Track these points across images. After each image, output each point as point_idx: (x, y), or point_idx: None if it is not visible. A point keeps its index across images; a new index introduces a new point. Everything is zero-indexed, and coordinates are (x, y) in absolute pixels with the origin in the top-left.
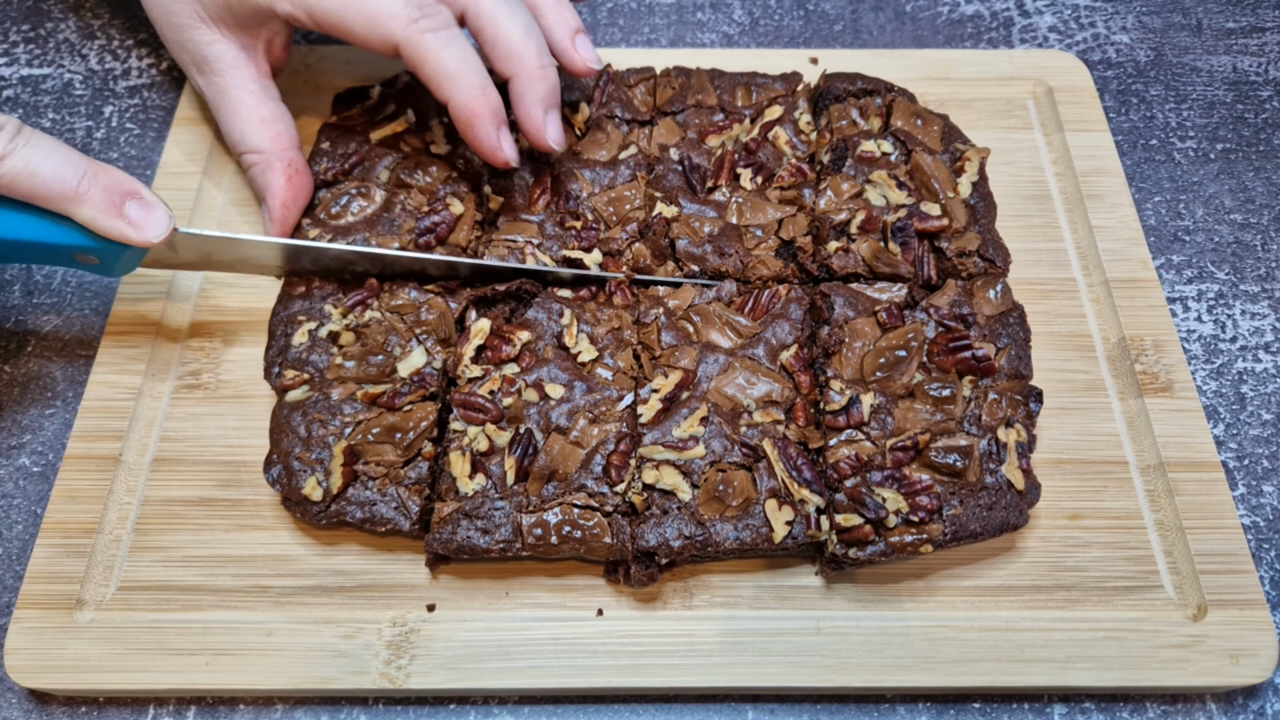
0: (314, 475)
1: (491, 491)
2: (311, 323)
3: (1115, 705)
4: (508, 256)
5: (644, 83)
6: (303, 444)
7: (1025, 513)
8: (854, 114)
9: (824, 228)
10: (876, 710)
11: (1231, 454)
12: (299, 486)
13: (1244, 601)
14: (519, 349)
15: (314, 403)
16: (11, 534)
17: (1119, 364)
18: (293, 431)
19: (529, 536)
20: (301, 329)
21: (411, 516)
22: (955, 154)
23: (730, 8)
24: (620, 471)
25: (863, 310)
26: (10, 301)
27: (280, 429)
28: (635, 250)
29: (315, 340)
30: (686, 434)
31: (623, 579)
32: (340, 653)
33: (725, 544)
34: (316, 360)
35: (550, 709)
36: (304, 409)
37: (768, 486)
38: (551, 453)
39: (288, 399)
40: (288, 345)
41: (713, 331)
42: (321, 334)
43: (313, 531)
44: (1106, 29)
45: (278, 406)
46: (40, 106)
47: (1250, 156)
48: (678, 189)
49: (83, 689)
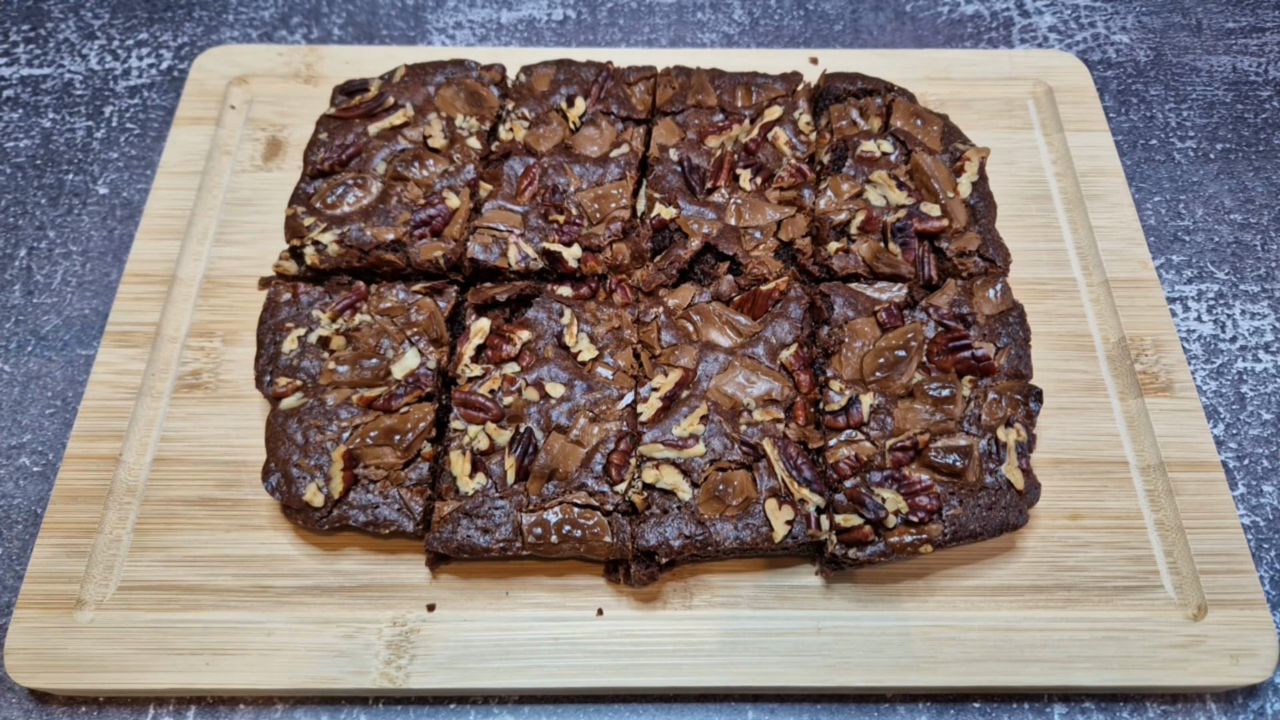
0: (314, 481)
1: (492, 490)
2: (300, 329)
3: (1115, 705)
4: (491, 245)
5: (644, 81)
6: (300, 450)
7: (1025, 513)
8: (854, 114)
9: (824, 228)
10: (876, 710)
11: (1231, 454)
12: (299, 493)
13: (1244, 601)
14: (519, 348)
15: (309, 409)
16: (12, 534)
17: (1119, 364)
18: (289, 439)
19: (529, 535)
20: (290, 336)
21: (415, 517)
22: (955, 154)
23: (730, 8)
24: (620, 470)
25: (862, 310)
26: (10, 301)
27: (276, 436)
28: (615, 249)
29: (305, 346)
30: (686, 432)
31: (623, 578)
32: (340, 653)
33: (725, 543)
34: (308, 366)
35: (550, 709)
36: (299, 415)
37: (768, 486)
38: (552, 452)
39: (282, 406)
40: (278, 353)
41: (712, 330)
42: (311, 339)
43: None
44: (1106, 29)
45: (272, 415)
46: (40, 106)
47: (1250, 156)
48: (677, 190)
49: (83, 689)
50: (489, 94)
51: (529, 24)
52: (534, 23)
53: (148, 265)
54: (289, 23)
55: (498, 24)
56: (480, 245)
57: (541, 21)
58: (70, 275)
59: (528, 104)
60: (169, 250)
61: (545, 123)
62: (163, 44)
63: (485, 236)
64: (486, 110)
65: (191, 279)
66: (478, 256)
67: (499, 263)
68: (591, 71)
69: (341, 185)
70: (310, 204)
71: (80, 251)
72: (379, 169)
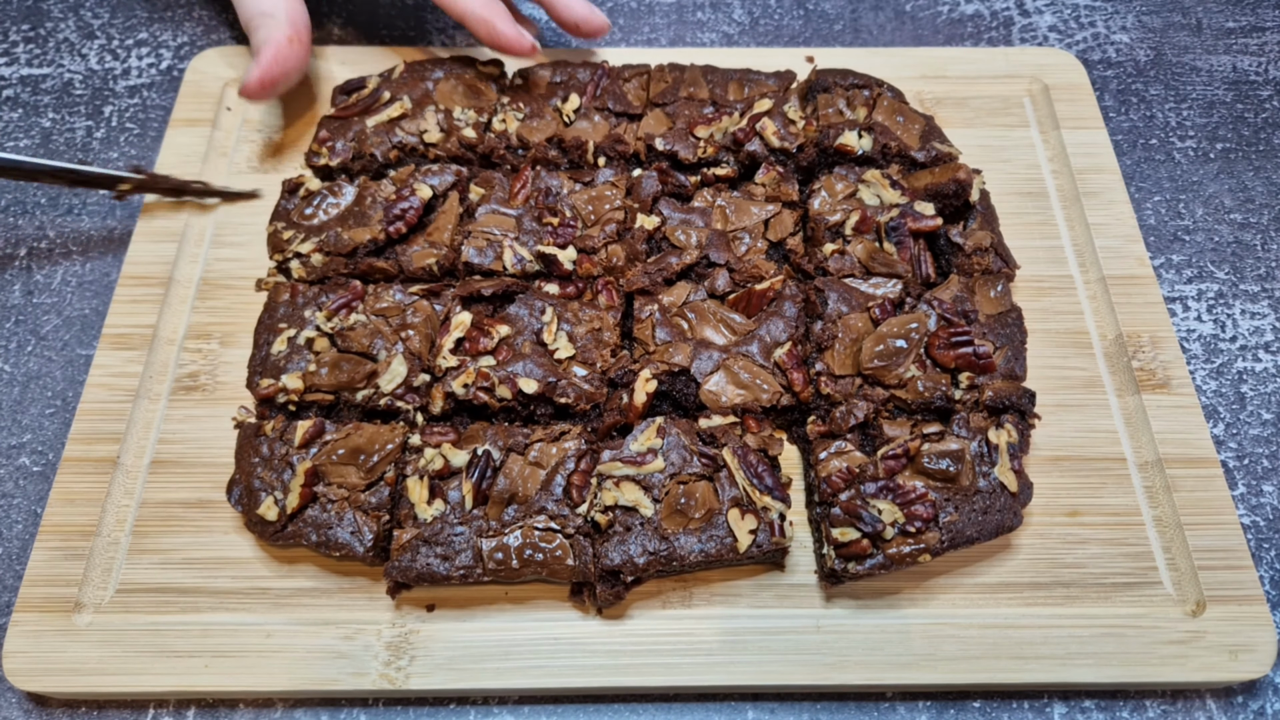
0: (271, 495)
1: (450, 517)
2: (291, 330)
3: (1115, 704)
4: (486, 248)
5: (638, 78)
6: (265, 464)
7: (1019, 514)
8: (840, 104)
9: (819, 229)
10: (876, 709)
11: (1231, 453)
12: (257, 507)
13: (1242, 597)
14: (496, 342)
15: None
16: (11, 534)
17: (1116, 361)
18: (256, 450)
19: (490, 561)
20: (281, 337)
21: (365, 543)
22: (931, 152)
23: (730, 7)
24: (582, 491)
25: (856, 306)
26: (10, 301)
27: (244, 448)
28: (610, 250)
29: (294, 347)
30: (644, 447)
31: (588, 599)
32: (340, 654)
33: (690, 557)
34: (293, 369)
35: (550, 709)
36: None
37: (730, 496)
38: (511, 475)
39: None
40: (269, 354)
41: (707, 328)
42: (300, 341)
43: None
44: (1106, 28)
45: (243, 428)
46: (40, 106)
47: (1250, 156)
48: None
49: (81, 692)
50: (487, 88)
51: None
52: (534, 23)
53: (144, 268)
54: None
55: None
56: (475, 249)
57: (541, 22)
58: (70, 275)
59: (523, 101)
60: (166, 253)
61: (539, 116)
62: (162, 44)
63: (479, 240)
64: (484, 103)
65: (188, 281)
66: (472, 260)
67: (494, 265)
68: (588, 71)
69: (317, 197)
70: (289, 218)
71: (80, 251)
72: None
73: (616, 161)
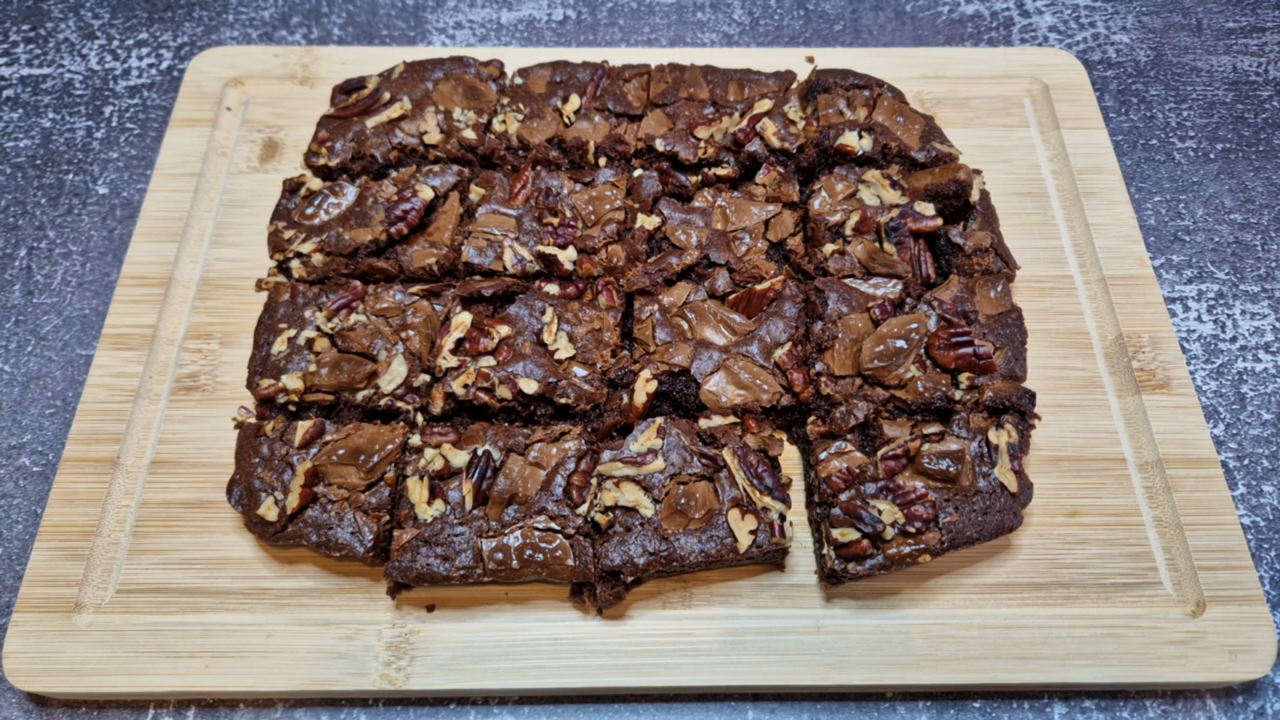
0: (272, 495)
1: (450, 517)
2: (291, 330)
3: (1115, 704)
4: (486, 248)
5: (638, 78)
6: (265, 464)
7: (1019, 514)
8: (841, 104)
9: (819, 230)
10: (876, 709)
11: (1231, 454)
12: (256, 507)
13: (1242, 597)
14: (496, 343)
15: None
16: (12, 534)
17: (1116, 361)
18: (256, 450)
19: (490, 562)
20: (281, 337)
21: (365, 543)
22: (931, 153)
23: (730, 7)
24: (582, 492)
25: (856, 306)
26: (10, 301)
27: (244, 449)
28: (610, 250)
29: (294, 348)
30: (644, 447)
31: (588, 600)
32: (340, 654)
33: (690, 557)
34: (293, 369)
35: (550, 709)
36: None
37: (730, 496)
38: (511, 475)
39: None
40: (269, 354)
41: (707, 328)
42: (300, 341)
43: None
44: (1106, 29)
45: (243, 428)
46: (40, 106)
47: (1250, 156)
48: (655, 194)
49: (82, 692)
50: (487, 89)
51: (529, 24)
52: (534, 23)
53: (144, 268)
54: (289, 23)
55: (498, 24)
56: (475, 249)
57: (541, 22)
58: (70, 275)
59: (523, 101)
60: (165, 253)
61: (539, 117)
62: (162, 44)
63: (480, 240)
64: (484, 104)
65: (188, 281)
66: (472, 260)
67: (494, 266)
68: (587, 72)
69: (319, 197)
70: (290, 218)
71: (80, 251)
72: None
73: (617, 162)
